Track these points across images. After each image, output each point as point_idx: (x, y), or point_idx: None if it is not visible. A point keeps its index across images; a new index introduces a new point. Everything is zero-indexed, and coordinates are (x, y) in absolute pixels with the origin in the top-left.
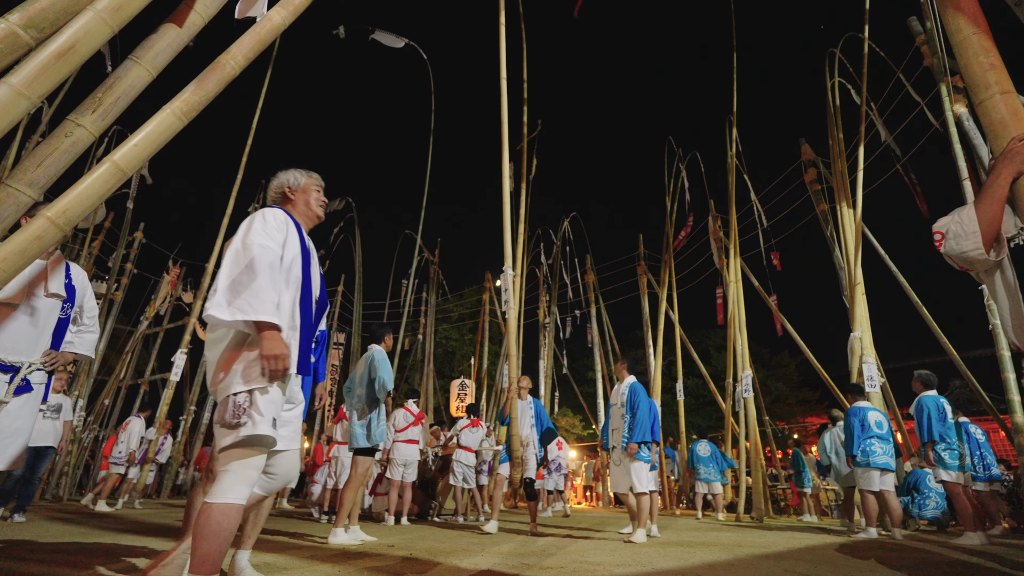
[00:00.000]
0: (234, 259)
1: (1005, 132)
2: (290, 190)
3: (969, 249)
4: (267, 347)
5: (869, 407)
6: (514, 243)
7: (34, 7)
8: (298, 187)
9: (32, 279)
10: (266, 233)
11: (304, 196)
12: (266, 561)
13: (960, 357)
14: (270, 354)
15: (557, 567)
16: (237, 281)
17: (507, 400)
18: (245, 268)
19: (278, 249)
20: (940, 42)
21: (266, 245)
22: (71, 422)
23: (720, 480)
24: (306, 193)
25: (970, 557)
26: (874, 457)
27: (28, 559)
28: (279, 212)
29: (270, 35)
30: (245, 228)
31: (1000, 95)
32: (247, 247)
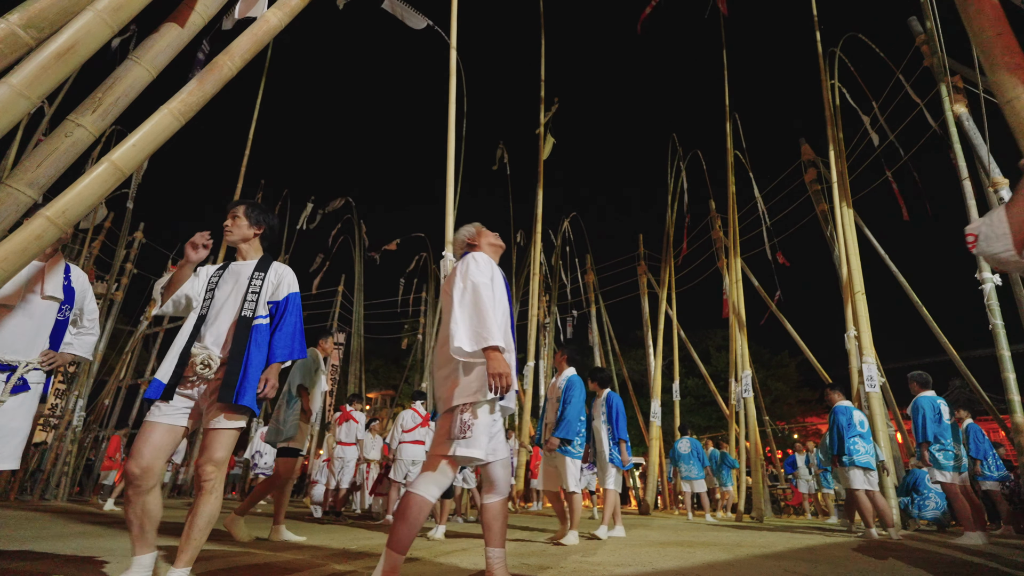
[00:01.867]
0: (461, 298)
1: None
2: (471, 240)
3: (999, 251)
4: (493, 366)
5: (851, 406)
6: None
7: (34, 7)
8: (473, 235)
9: (28, 280)
10: (480, 271)
11: (482, 239)
12: (266, 561)
13: (960, 357)
14: (496, 372)
15: (557, 567)
16: (470, 316)
17: None
18: (472, 303)
19: (490, 283)
20: (940, 42)
21: (483, 281)
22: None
23: (701, 477)
24: (481, 236)
25: (970, 557)
26: (857, 456)
27: (28, 559)
28: (482, 254)
29: (267, 36)
30: (463, 271)
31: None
32: (470, 287)
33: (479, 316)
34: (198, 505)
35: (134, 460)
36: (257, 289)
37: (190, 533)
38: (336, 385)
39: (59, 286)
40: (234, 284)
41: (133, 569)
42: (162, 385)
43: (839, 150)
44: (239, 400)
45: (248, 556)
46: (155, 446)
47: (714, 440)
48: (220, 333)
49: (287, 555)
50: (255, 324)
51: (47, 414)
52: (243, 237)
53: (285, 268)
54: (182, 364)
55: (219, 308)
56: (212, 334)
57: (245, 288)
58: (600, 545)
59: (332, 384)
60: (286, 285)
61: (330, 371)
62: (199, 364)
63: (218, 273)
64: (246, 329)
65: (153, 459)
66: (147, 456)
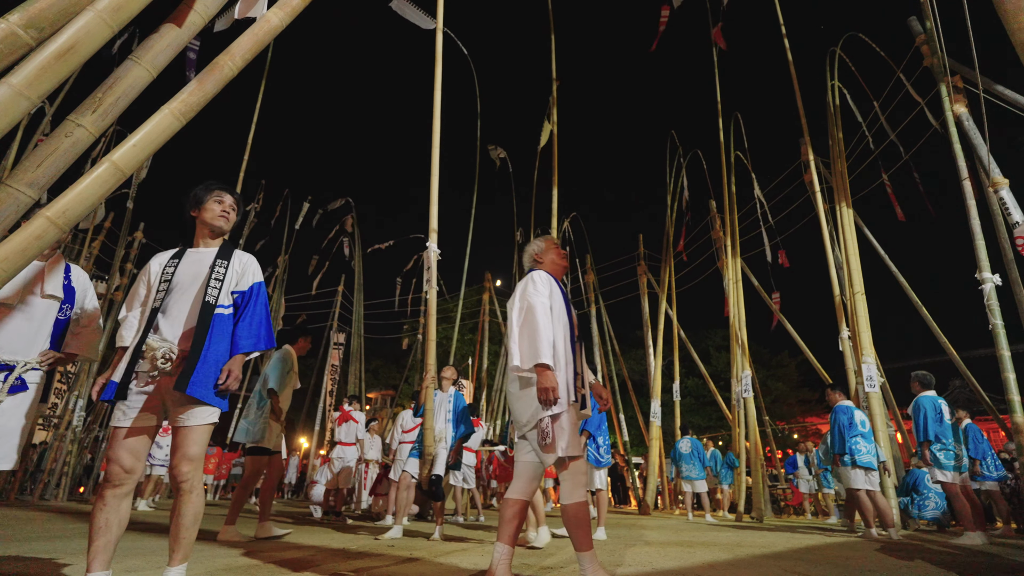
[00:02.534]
0: (518, 318)
1: None
2: (537, 256)
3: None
4: (540, 382)
5: (851, 406)
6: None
7: (34, 7)
8: (541, 251)
9: (29, 280)
10: (537, 292)
11: (548, 255)
12: (266, 561)
13: (960, 357)
14: (543, 387)
15: (557, 567)
16: (527, 335)
17: (422, 390)
18: (528, 323)
19: (548, 301)
20: (940, 42)
21: (540, 302)
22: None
23: (702, 477)
24: (547, 253)
25: (970, 557)
26: (859, 456)
27: (27, 559)
28: (542, 273)
29: (268, 36)
30: (521, 291)
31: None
32: (526, 307)
33: (532, 335)
34: (180, 506)
35: (117, 463)
36: (220, 277)
37: (179, 532)
38: (336, 385)
39: (59, 285)
40: (194, 273)
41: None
42: (114, 384)
43: (839, 150)
44: (190, 390)
45: (248, 556)
46: (132, 449)
47: (713, 440)
48: (178, 323)
49: (287, 555)
50: (217, 313)
51: (47, 414)
52: (231, 227)
53: (249, 257)
54: (134, 359)
55: (177, 298)
56: (169, 325)
57: (207, 276)
58: (600, 545)
59: (332, 384)
60: (251, 274)
61: (330, 371)
62: (160, 359)
63: (173, 262)
64: (208, 316)
65: (135, 461)
66: (128, 459)
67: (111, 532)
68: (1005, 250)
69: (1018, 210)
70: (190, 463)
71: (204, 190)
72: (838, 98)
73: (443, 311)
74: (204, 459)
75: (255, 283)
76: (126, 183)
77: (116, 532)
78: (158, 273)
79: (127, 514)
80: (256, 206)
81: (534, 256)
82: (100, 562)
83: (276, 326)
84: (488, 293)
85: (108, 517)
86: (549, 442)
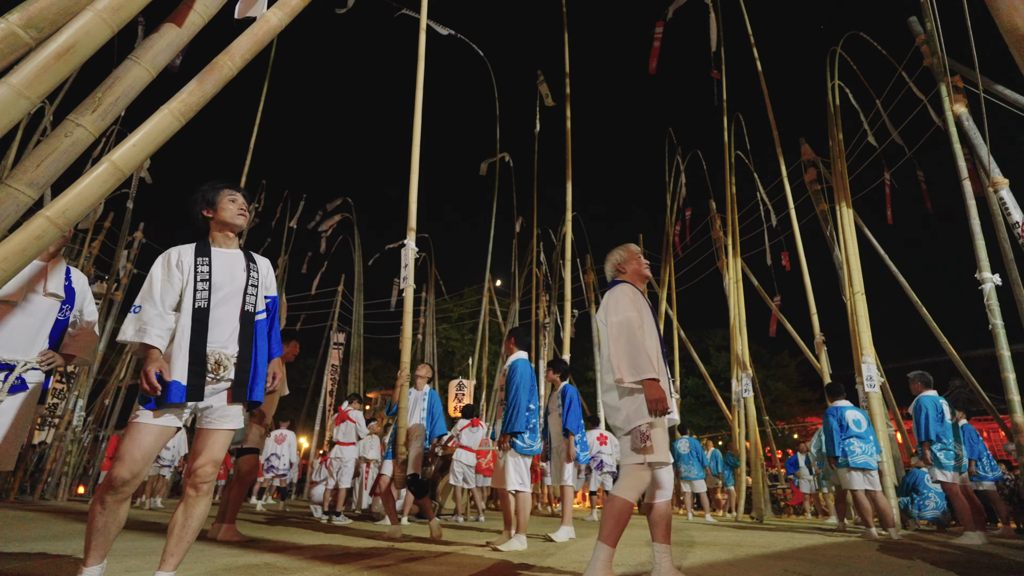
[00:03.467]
0: (616, 334)
1: None
2: (620, 266)
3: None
4: (650, 394)
5: (847, 406)
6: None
7: (34, 7)
8: (623, 261)
9: (31, 278)
10: (627, 308)
11: (631, 265)
12: (266, 561)
13: (960, 357)
14: (653, 398)
15: (558, 567)
16: (627, 351)
17: (397, 388)
18: (626, 340)
19: (638, 315)
20: (940, 42)
21: (631, 316)
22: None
23: (701, 477)
24: (630, 263)
25: (970, 556)
26: (853, 457)
27: (27, 559)
28: (627, 286)
29: (267, 36)
30: (611, 306)
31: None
32: (622, 324)
33: (633, 351)
34: (193, 507)
35: (124, 464)
36: (256, 283)
37: (183, 536)
38: (336, 385)
39: (61, 285)
40: (230, 274)
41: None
42: (182, 387)
43: (839, 150)
44: (252, 396)
45: (248, 556)
46: (147, 450)
47: (713, 440)
48: (228, 329)
49: (287, 555)
50: (257, 319)
51: (46, 414)
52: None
53: (267, 260)
54: (200, 362)
55: (221, 300)
56: (220, 331)
57: (244, 281)
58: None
59: (332, 384)
60: (272, 278)
61: (330, 371)
62: (213, 363)
63: (204, 260)
64: (250, 325)
65: (144, 464)
66: (140, 461)
67: (109, 534)
68: (1005, 250)
69: (1018, 210)
70: (215, 465)
71: (213, 190)
72: (838, 98)
73: (442, 311)
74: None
75: (273, 296)
76: (126, 183)
77: (114, 533)
78: (191, 269)
79: (125, 517)
80: (257, 207)
81: (617, 266)
82: (96, 556)
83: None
84: (488, 293)
85: (107, 520)
86: (648, 445)
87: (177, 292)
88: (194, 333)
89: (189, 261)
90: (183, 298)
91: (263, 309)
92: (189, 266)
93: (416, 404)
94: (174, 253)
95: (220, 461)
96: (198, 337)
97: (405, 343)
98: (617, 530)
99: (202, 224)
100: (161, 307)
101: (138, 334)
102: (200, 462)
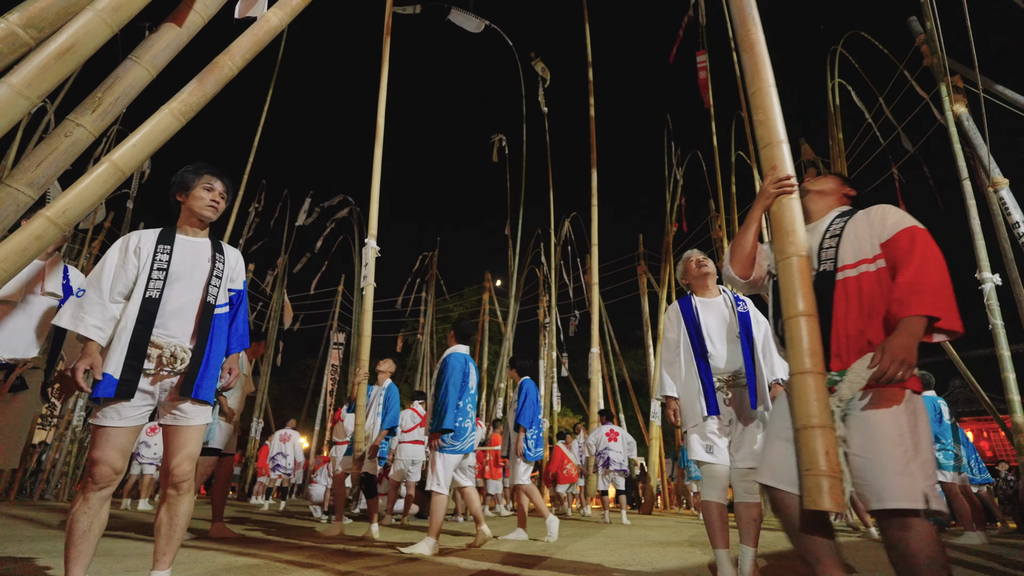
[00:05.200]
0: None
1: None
2: (682, 280)
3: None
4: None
5: None
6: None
7: (34, 7)
8: (682, 274)
9: (30, 278)
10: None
11: (687, 277)
12: (266, 561)
13: (960, 357)
14: (668, 412)
15: (558, 568)
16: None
17: (355, 386)
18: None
19: (675, 336)
20: (940, 42)
21: (668, 338)
22: None
23: None
24: (686, 274)
25: (970, 557)
26: None
27: (26, 559)
28: (674, 305)
29: (268, 36)
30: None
31: (767, 147)
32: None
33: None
34: (177, 506)
35: (106, 464)
36: (220, 274)
37: (172, 534)
38: (336, 385)
39: (59, 284)
40: (192, 264)
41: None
42: (114, 381)
43: (839, 150)
44: (198, 394)
45: (248, 556)
46: (123, 450)
47: None
48: (185, 320)
49: (286, 555)
50: (216, 313)
51: (47, 414)
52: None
53: (236, 251)
54: (138, 356)
55: (178, 290)
56: (175, 322)
57: (208, 271)
58: (600, 545)
59: (332, 384)
60: (241, 271)
61: (330, 371)
62: (168, 357)
63: (164, 248)
64: (209, 317)
65: (124, 462)
66: (120, 460)
67: (92, 537)
68: (1005, 250)
69: (1018, 210)
70: (191, 461)
71: (193, 174)
72: (839, 97)
73: (443, 311)
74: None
75: (244, 281)
76: (126, 183)
77: (97, 536)
78: (149, 256)
79: (107, 517)
80: (257, 206)
81: (681, 281)
82: (81, 566)
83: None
84: (488, 293)
85: (91, 520)
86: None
87: (130, 280)
88: (139, 324)
89: (149, 248)
90: (135, 286)
91: (225, 302)
92: (148, 253)
93: (375, 399)
94: (134, 238)
95: (196, 456)
96: (143, 328)
97: (364, 341)
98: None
99: (173, 207)
100: (107, 294)
101: (73, 321)
102: (176, 461)
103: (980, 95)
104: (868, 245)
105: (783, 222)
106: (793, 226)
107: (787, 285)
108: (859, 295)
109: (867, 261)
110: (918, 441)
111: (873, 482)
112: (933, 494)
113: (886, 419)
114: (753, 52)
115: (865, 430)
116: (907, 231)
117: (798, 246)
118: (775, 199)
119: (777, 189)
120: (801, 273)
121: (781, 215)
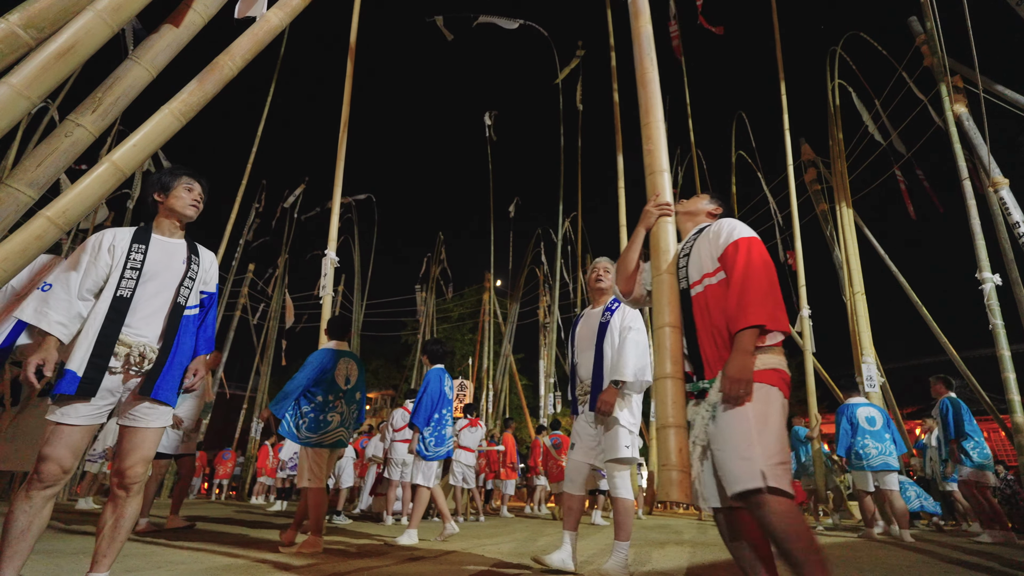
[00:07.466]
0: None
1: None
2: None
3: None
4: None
5: (858, 403)
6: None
7: (34, 7)
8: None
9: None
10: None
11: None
12: (266, 561)
13: (960, 357)
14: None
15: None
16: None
17: None
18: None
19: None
20: (940, 42)
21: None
22: None
23: None
24: (590, 271)
25: (970, 557)
26: (869, 460)
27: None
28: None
29: (268, 36)
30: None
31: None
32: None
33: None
34: (124, 507)
35: (56, 462)
36: (194, 276)
37: (116, 535)
38: None
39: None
40: (165, 264)
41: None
42: (77, 378)
43: (839, 150)
44: (157, 394)
45: (248, 556)
46: (75, 449)
47: None
48: (154, 319)
49: (285, 555)
50: (185, 315)
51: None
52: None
53: (210, 253)
54: (104, 354)
55: (150, 290)
56: (145, 321)
57: (182, 272)
58: (600, 544)
59: None
60: (214, 273)
61: None
62: (136, 357)
63: (139, 247)
64: (178, 319)
65: (74, 462)
66: (70, 460)
67: (30, 537)
68: (1005, 250)
69: (1018, 210)
70: (145, 464)
71: (171, 176)
72: (838, 98)
73: (443, 311)
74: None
75: (217, 284)
76: (126, 183)
77: (35, 536)
78: (123, 255)
79: (48, 517)
80: (258, 206)
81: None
82: (13, 567)
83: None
84: (488, 293)
85: (31, 519)
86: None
87: (101, 277)
88: (108, 321)
89: (123, 247)
90: (107, 284)
91: (196, 304)
92: (122, 252)
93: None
94: (108, 235)
95: (150, 460)
96: (112, 326)
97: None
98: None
99: (151, 208)
100: (75, 291)
101: (36, 315)
102: (130, 462)
103: (980, 95)
104: (709, 260)
105: (659, 242)
106: (667, 246)
107: (657, 298)
108: (708, 309)
109: (708, 275)
110: (764, 427)
111: (726, 473)
112: (772, 473)
113: (736, 415)
114: (647, 89)
115: (723, 427)
116: (732, 244)
117: (669, 264)
118: (657, 220)
119: (658, 211)
120: (670, 289)
121: (657, 236)
